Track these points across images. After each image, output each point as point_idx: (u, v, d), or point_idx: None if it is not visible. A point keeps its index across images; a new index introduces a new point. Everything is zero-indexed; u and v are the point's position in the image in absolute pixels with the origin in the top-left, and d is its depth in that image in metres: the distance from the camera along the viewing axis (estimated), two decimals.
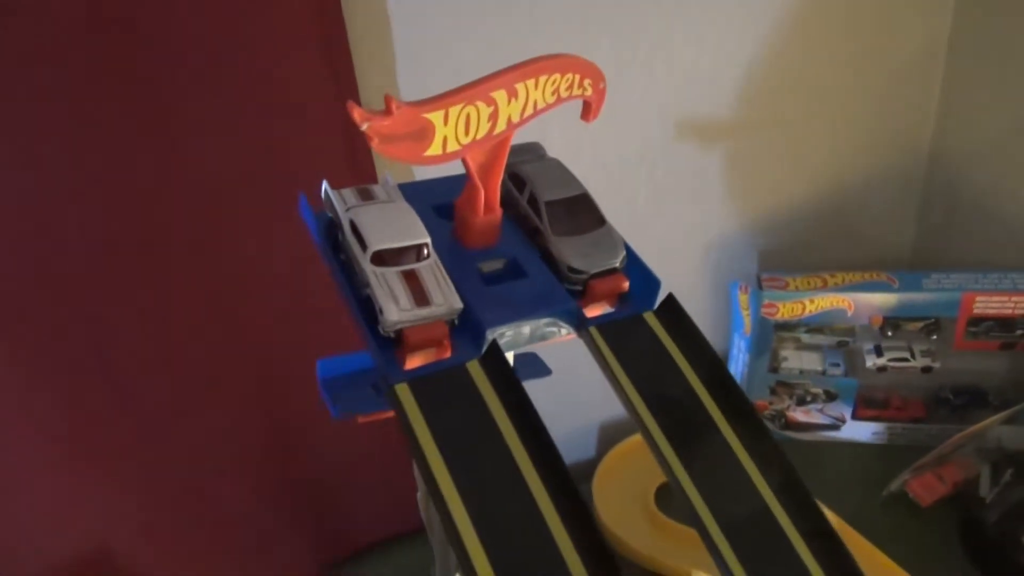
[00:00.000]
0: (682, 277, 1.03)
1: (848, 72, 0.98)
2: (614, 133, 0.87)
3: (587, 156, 0.84)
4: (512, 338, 0.38)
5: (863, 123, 1.04)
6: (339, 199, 0.40)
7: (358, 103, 0.33)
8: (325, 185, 0.41)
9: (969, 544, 0.88)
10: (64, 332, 0.70)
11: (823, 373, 1.01)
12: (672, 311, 0.40)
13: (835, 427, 1.04)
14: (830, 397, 1.02)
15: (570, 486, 0.34)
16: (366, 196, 0.41)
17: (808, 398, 1.03)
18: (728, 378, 0.38)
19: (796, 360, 1.01)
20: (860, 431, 1.03)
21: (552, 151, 0.48)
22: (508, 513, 0.33)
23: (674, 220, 0.97)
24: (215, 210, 0.71)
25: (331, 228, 0.41)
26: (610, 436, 1.05)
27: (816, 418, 1.04)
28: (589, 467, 0.96)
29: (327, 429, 0.86)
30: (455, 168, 0.40)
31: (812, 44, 0.95)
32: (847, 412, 1.03)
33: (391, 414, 0.52)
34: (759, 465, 0.36)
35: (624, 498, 0.94)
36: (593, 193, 0.43)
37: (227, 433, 0.82)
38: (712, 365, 0.38)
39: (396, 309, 0.35)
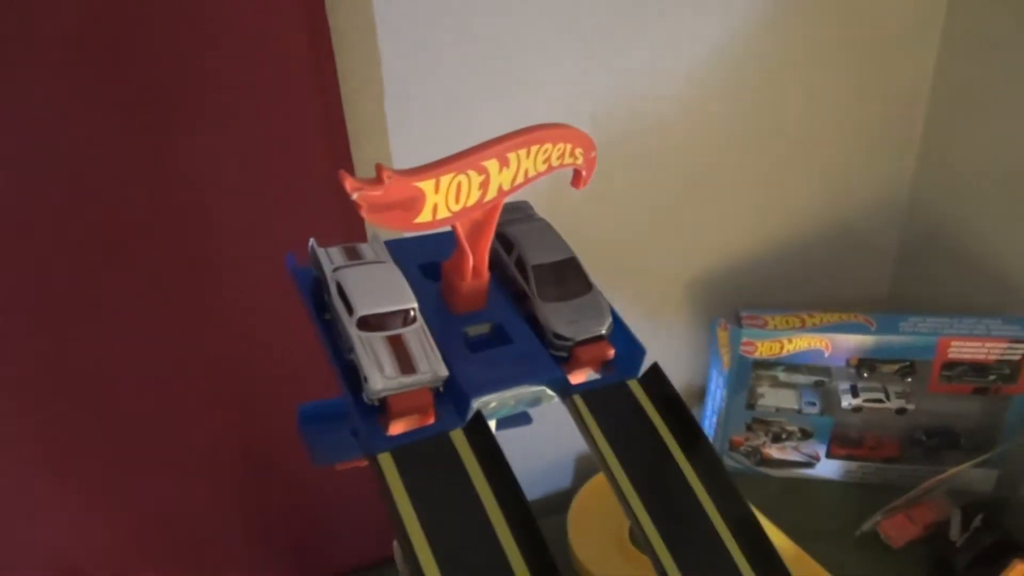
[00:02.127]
0: (662, 311, 1.04)
1: (831, 115, 0.99)
2: (597, 169, 0.87)
3: (568, 193, 0.84)
4: (497, 405, 0.38)
5: (844, 165, 1.05)
6: (326, 258, 0.40)
7: (350, 167, 0.34)
8: (312, 242, 0.41)
9: None
10: (42, 361, 0.69)
11: (799, 411, 1.01)
12: (656, 381, 0.40)
13: (809, 464, 1.05)
14: (805, 435, 1.03)
15: (550, 562, 0.34)
16: (353, 255, 0.41)
17: (784, 435, 1.03)
18: (710, 451, 0.38)
19: (773, 398, 1.02)
20: (834, 469, 1.04)
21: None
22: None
23: (655, 255, 0.98)
24: (204, 239, 0.71)
25: (317, 286, 0.41)
26: (587, 467, 1.06)
27: (791, 455, 1.04)
28: (565, 497, 0.97)
29: (307, 459, 0.85)
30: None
31: (795, 86, 0.96)
32: (821, 450, 1.03)
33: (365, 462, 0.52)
34: (740, 546, 0.36)
35: (599, 531, 0.95)
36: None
37: (204, 458, 0.82)
38: (694, 438, 0.38)
39: (381, 377, 0.35)
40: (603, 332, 0.40)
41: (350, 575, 0.95)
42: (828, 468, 1.04)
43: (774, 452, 1.04)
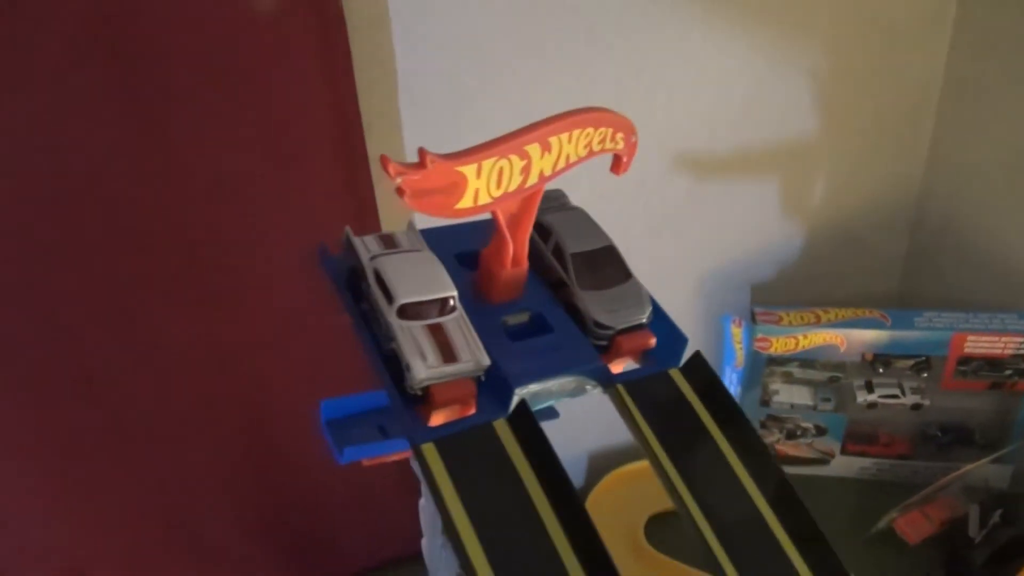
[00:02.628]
0: (674, 307, 1.03)
1: (841, 113, 0.99)
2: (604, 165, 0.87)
3: (585, 186, 0.83)
4: (537, 395, 0.37)
5: (855, 162, 1.04)
6: (362, 246, 0.39)
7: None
8: (348, 231, 0.40)
9: None
10: (48, 363, 0.68)
11: (814, 408, 1.01)
12: (699, 369, 0.39)
13: (824, 462, 1.04)
14: (819, 432, 1.02)
15: (599, 549, 0.33)
16: (389, 244, 0.40)
17: (798, 432, 1.03)
18: (756, 439, 0.37)
19: (787, 394, 1.01)
20: (848, 466, 1.04)
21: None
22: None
23: (668, 251, 0.97)
24: (213, 232, 0.70)
25: (352, 275, 0.40)
26: (600, 465, 1.05)
27: (805, 452, 1.04)
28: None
29: (312, 460, 0.85)
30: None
31: (807, 85, 0.95)
32: (836, 447, 1.03)
33: (396, 457, 0.51)
34: (786, 530, 0.36)
35: (613, 530, 0.94)
36: None
37: (212, 462, 0.81)
38: (739, 426, 0.38)
39: (424, 366, 0.35)
40: (644, 320, 0.40)
41: (366, 573, 0.94)
42: (842, 465, 1.04)
43: (788, 449, 1.03)
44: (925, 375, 0.98)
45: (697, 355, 0.39)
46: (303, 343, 0.76)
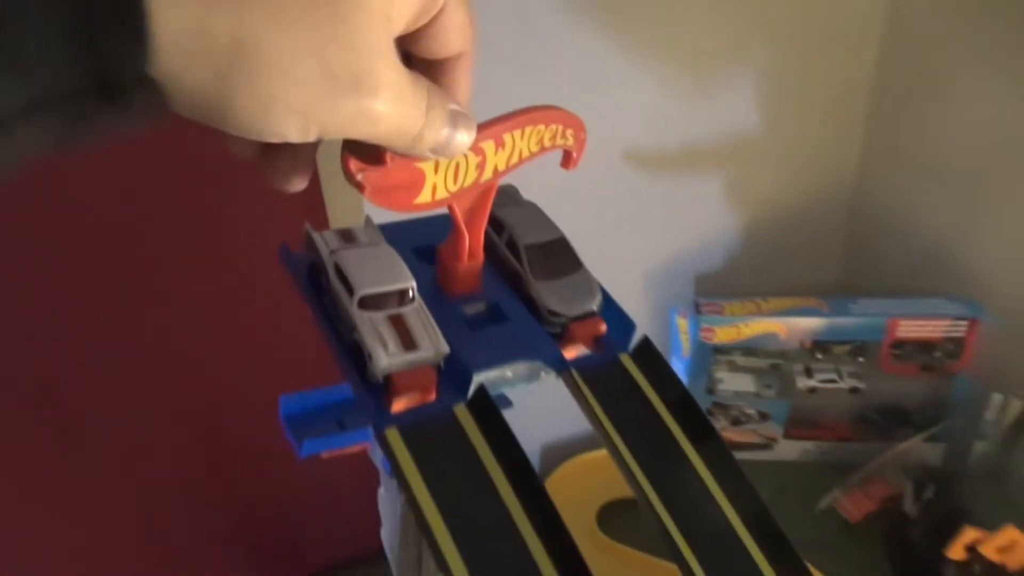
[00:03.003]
0: (623, 300, 1.05)
1: (778, 112, 1.03)
2: (547, 159, 0.89)
3: (535, 184, 0.85)
4: (494, 382, 0.39)
5: (793, 159, 1.08)
6: (322, 242, 0.40)
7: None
8: (307, 227, 0.41)
9: (895, 559, 0.93)
10: (11, 374, 0.68)
11: (757, 395, 1.04)
12: (648, 354, 0.41)
13: (768, 447, 1.08)
14: (763, 417, 1.06)
15: (562, 530, 0.35)
16: (348, 238, 0.41)
17: (742, 419, 1.06)
18: (703, 419, 0.40)
19: (731, 382, 1.04)
20: (791, 450, 1.07)
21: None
22: (500, 556, 0.34)
23: (617, 245, 0.99)
24: (170, 235, 0.70)
25: (313, 270, 0.41)
26: (553, 456, 1.07)
27: (750, 438, 1.07)
28: None
29: (274, 462, 0.85)
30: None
31: (746, 85, 0.99)
32: (779, 432, 1.06)
33: (354, 449, 0.53)
34: (737, 511, 0.38)
35: (568, 519, 0.96)
36: None
37: (174, 464, 0.81)
38: (688, 407, 0.40)
39: (385, 355, 0.36)
40: (595, 308, 0.42)
41: (327, 572, 0.94)
42: (786, 449, 1.07)
43: (734, 435, 1.07)
44: (861, 360, 1.02)
45: (645, 340, 0.42)
46: (262, 342, 0.76)
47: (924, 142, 1.05)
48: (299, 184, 0.34)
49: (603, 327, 0.41)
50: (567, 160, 0.42)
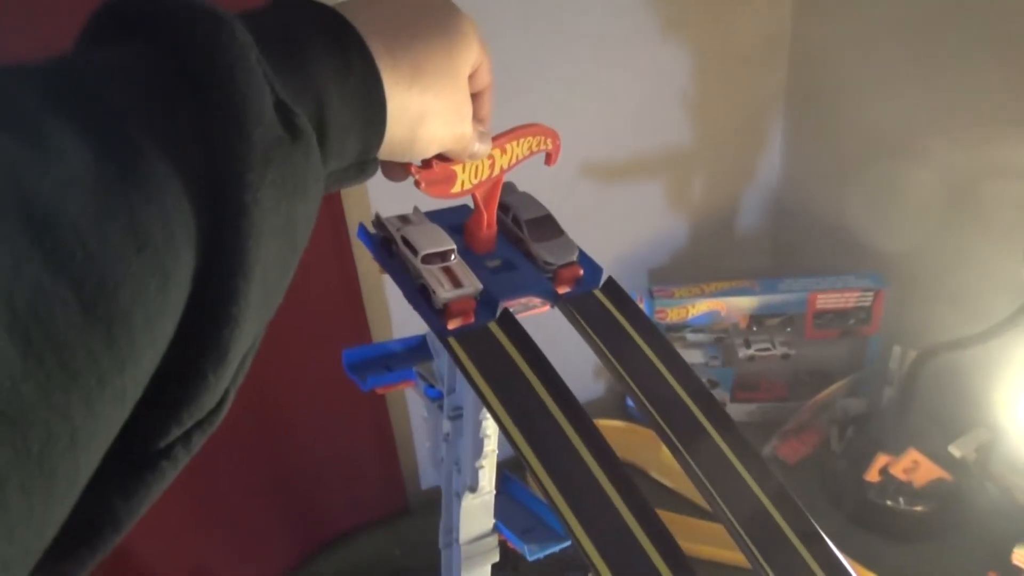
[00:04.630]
0: None
1: (708, 122, 1.23)
2: (529, 173, 1.08)
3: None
4: (512, 307, 0.57)
5: (725, 162, 1.29)
6: (390, 223, 0.59)
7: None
8: (376, 213, 0.60)
9: (827, 488, 1.12)
10: None
11: (706, 364, 1.24)
12: (612, 288, 0.60)
13: None
14: (713, 385, 1.25)
15: (579, 408, 0.52)
16: (405, 220, 0.60)
17: None
18: (657, 330, 0.58)
19: (684, 356, 1.23)
20: (738, 412, 1.26)
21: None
22: (541, 425, 0.51)
23: (579, 243, 1.18)
24: None
25: (383, 243, 0.59)
26: None
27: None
28: None
29: (311, 429, 1.02)
30: (438, 203, 0.59)
31: (680, 101, 1.19)
32: (727, 397, 1.25)
33: (401, 386, 0.71)
34: (680, 384, 0.57)
35: None
36: None
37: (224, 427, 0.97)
38: (642, 320, 0.59)
39: (443, 290, 0.54)
40: (574, 259, 0.60)
41: (350, 532, 1.10)
42: (734, 412, 1.26)
43: None
44: (790, 330, 1.22)
45: (610, 279, 0.60)
46: (296, 315, 0.92)
47: (832, 146, 1.26)
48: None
49: (581, 271, 0.60)
50: (548, 159, 0.61)
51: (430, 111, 0.43)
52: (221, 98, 0.29)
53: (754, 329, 1.22)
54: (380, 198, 0.94)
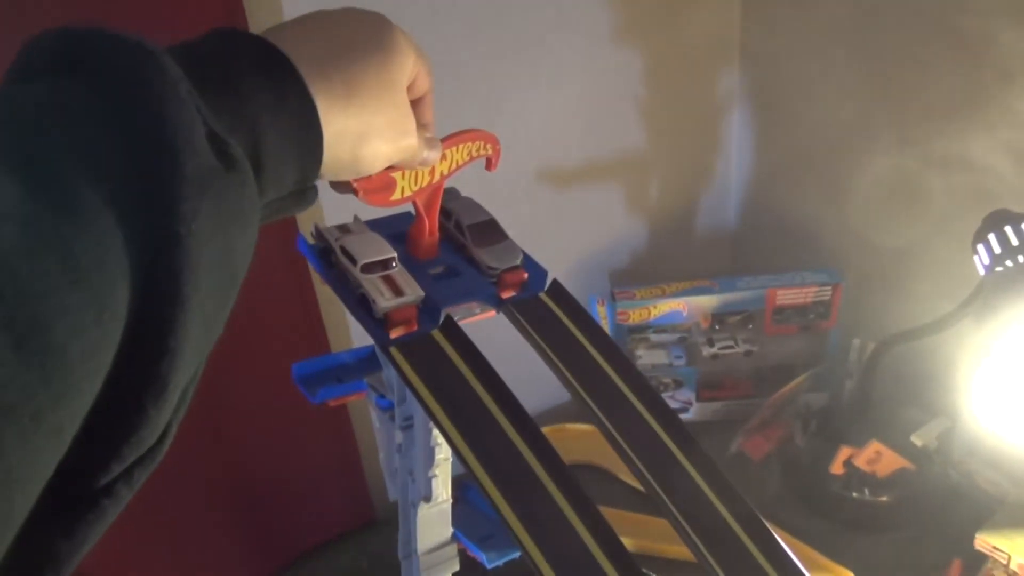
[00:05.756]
0: None
1: (663, 126, 1.24)
2: (487, 181, 1.08)
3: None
4: (454, 313, 0.57)
5: (683, 164, 1.30)
6: (329, 233, 0.59)
7: None
8: (315, 224, 0.60)
9: (792, 483, 1.12)
10: None
11: (670, 365, 1.24)
12: (557, 291, 0.60)
13: (684, 410, 1.27)
14: (678, 385, 1.25)
15: (521, 411, 0.52)
16: (344, 230, 0.59)
17: (661, 388, 1.25)
18: (598, 328, 0.59)
19: (648, 357, 1.24)
20: (704, 411, 1.26)
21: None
22: (482, 426, 0.51)
23: (539, 250, 1.18)
24: None
25: (323, 253, 0.59)
26: None
27: (670, 404, 1.26)
28: None
29: (272, 448, 1.01)
30: (379, 212, 0.59)
31: (633, 107, 1.20)
32: (692, 396, 1.26)
33: (352, 398, 0.71)
34: (624, 381, 0.57)
35: None
36: None
37: (182, 450, 0.96)
38: (590, 324, 0.59)
39: (383, 299, 0.54)
40: (518, 263, 0.61)
41: (319, 547, 1.10)
42: (699, 411, 1.27)
43: None
44: (751, 327, 1.22)
45: (555, 282, 0.61)
46: (252, 327, 0.91)
47: (785, 145, 1.27)
48: None
49: (525, 275, 0.60)
50: (489, 165, 0.61)
51: (370, 129, 0.44)
52: (151, 130, 0.29)
53: (716, 328, 1.22)
54: (332, 207, 0.94)
